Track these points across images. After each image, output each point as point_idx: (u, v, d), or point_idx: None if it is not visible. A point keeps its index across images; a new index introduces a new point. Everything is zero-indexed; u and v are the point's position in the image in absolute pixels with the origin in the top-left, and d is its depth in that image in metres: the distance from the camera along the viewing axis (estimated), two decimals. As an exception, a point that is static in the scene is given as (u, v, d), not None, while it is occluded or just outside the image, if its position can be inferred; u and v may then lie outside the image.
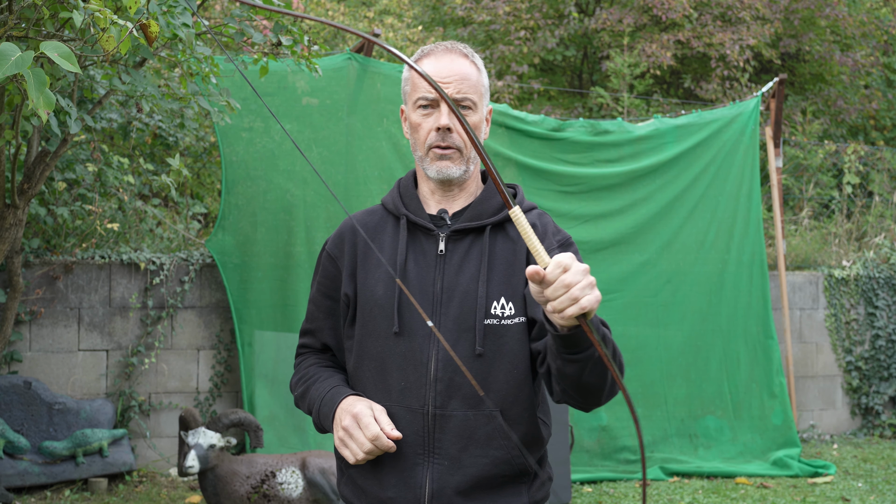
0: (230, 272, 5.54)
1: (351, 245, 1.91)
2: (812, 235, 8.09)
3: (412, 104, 1.87)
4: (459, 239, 1.85)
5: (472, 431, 1.77)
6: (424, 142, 1.85)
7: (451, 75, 1.83)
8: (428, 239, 1.86)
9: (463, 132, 1.84)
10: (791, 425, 6.40)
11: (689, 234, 6.37)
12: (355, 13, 11.22)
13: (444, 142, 1.83)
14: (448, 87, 1.82)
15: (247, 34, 3.90)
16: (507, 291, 1.80)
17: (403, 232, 1.86)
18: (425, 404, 1.78)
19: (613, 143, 6.31)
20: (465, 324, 1.78)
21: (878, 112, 11.06)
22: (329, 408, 1.81)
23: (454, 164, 1.84)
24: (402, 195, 1.93)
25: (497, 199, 1.89)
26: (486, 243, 1.83)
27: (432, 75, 1.82)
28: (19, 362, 5.28)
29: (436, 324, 1.79)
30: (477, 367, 1.77)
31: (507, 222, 1.87)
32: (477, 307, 1.78)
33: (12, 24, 2.76)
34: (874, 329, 7.37)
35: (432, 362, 1.78)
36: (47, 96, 2.15)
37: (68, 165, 5.50)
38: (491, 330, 1.78)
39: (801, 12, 10.67)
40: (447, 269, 1.82)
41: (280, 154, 5.61)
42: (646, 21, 10.61)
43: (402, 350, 1.80)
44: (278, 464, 4.27)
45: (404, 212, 1.88)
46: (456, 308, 1.79)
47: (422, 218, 1.87)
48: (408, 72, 1.90)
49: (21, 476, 4.92)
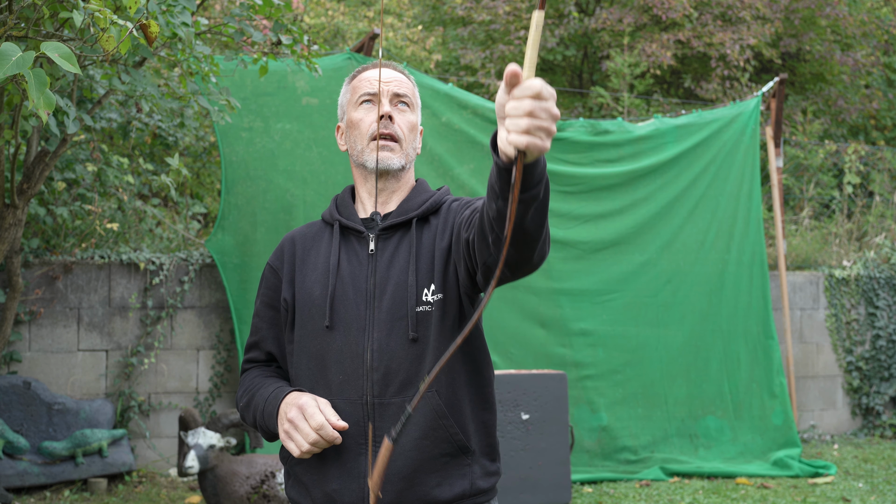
0: (230, 272, 5.53)
1: (290, 255, 1.99)
2: (812, 235, 8.09)
3: (353, 105, 1.98)
4: (389, 237, 1.92)
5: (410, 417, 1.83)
6: (366, 133, 1.93)
7: (391, 79, 1.96)
8: (360, 241, 1.94)
9: (404, 125, 1.94)
10: (791, 425, 6.39)
11: (689, 234, 6.36)
12: (355, 13, 11.22)
13: (386, 129, 1.90)
14: (388, 85, 1.94)
15: (246, 33, 3.89)
16: (436, 278, 1.86)
17: (337, 236, 1.94)
18: (363, 394, 1.83)
19: (613, 142, 6.30)
20: (398, 313, 1.85)
21: (878, 112, 11.06)
22: (273, 406, 1.85)
23: (394, 155, 1.92)
24: (338, 205, 2.02)
25: (423, 197, 1.97)
26: (412, 236, 1.90)
27: (369, 77, 1.97)
28: (19, 362, 5.27)
29: (370, 317, 1.86)
30: (413, 352, 1.83)
31: (432, 214, 1.94)
32: (408, 296, 1.84)
33: (12, 23, 2.75)
34: (875, 329, 7.36)
35: (367, 353, 1.84)
36: (47, 97, 2.14)
37: (68, 165, 5.49)
38: (423, 316, 1.84)
39: (802, 12, 10.67)
40: (378, 266, 1.89)
41: (280, 154, 5.60)
42: (646, 21, 10.60)
43: (339, 344, 1.86)
44: (278, 464, 4.26)
45: (337, 217, 1.97)
46: (389, 300, 1.85)
47: (353, 222, 1.95)
48: (347, 84, 2.03)
49: (20, 476, 4.91)
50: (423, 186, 2.02)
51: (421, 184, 2.03)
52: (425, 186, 2.03)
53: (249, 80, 5.44)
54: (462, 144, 5.93)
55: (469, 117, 5.95)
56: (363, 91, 1.96)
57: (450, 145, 5.89)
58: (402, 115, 1.95)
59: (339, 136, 2.05)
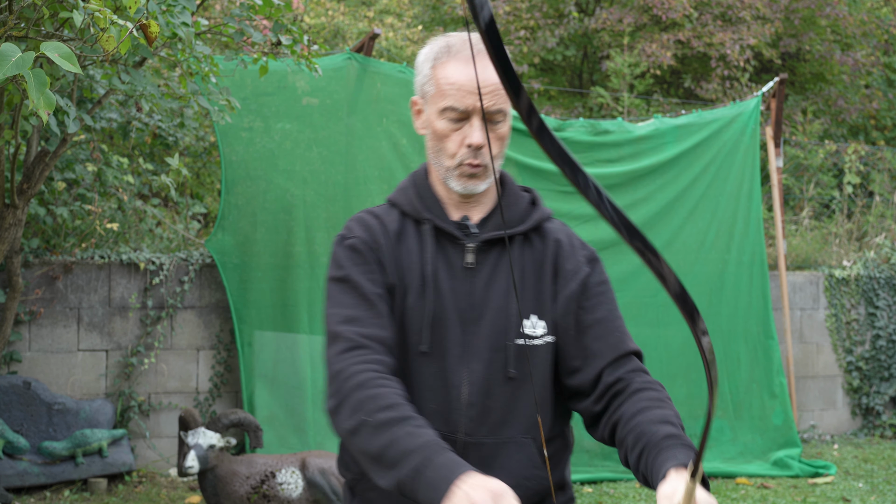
0: (230, 272, 5.53)
1: (385, 240, 1.70)
2: (812, 235, 8.09)
3: (436, 110, 1.68)
4: (487, 250, 1.70)
5: (502, 460, 1.66)
6: (453, 156, 1.67)
7: (485, 86, 1.63)
8: (454, 248, 1.70)
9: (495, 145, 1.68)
10: (791, 425, 6.39)
11: (689, 234, 6.36)
12: (355, 13, 11.21)
13: (475, 160, 1.66)
14: (483, 99, 1.63)
15: (246, 33, 3.89)
16: (537, 308, 1.69)
17: (430, 238, 1.69)
18: (456, 430, 1.64)
19: (613, 142, 6.30)
20: (496, 343, 1.65)
21: (878, 112, 11.05)
22: (442, 476, 1.40)
23: (482, 181, 1.70)
24: (421, 197, 1.74)
25: (522, 206, 1.76)
26: (516, 256, 1.71)
27: (461, 83, 1.64)
28: (19, 362, 5.27)
29: (466, 343, 1.66)
30: (508, 390, 1.66)
31: (532, 232, 1.75)
32: (508, 326, 1.65)
33: (12, 23, 2.75)
34: (875, 329, 7.36)
35: (464, 386, 1.65)
36: (47, 97, 2.14)
37: (68, 165, 5.49)
38: (522, 350, 1.66)
39: (802, 12, 10.67)
40: (476, 284, 1.68)
41: (280, 154, 5.60)
42: (646, 21, 10.60)
43: (434, 369, 1.65)
44: (278, 464, 4.26)
45: (427, 216, 1.71)
46: (487, 326, 1.66)
47: (447, 224, 1.70)
48: (429, 69, 1.69)
49: (20, 476, 4.91)
50: (514, 189, 1.79)
51: (511, 185, 1.79)
52: (516, 189, 1.80)
53: (249, 80, 5.44)
54: (462, 144, 5.92)
55: (469, 117, 5.94)
56: (449, 104, 1.65)
57: (450, 145, 5.89)
58: (493, 133, 1.68)
59: (415, 115, 1.77)
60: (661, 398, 1.62)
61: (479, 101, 1.61)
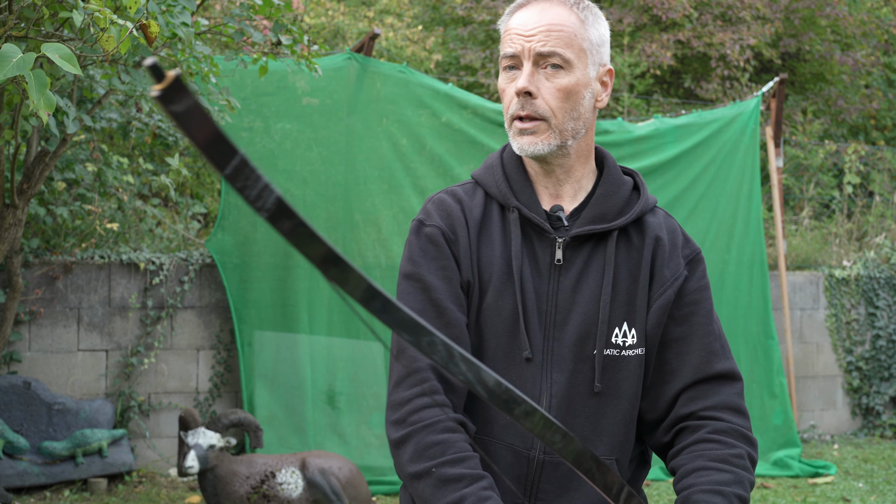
0: (230, 272, 5.53)
1: (464, 228, 1.51)
2: (812, 235, 8.09)
3: (501, 64, 1.52)
4: (578, 246, 1.51)
5: (580, 482, 1.50)
6: (507, 110, 1.50)
7: (538, 26, 1.45)
8: (542, 242, 1.51)
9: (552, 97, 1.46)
10: (791, 425, 6.39)
11: (689, 233, 6.35)
12: (355, 13, 11.21)
13: (523, 111, 1.46)
14: (531, 41, 1.45)
15: (246, 33, 3.89)
16: (629, 315, 1.51)
17: (517, 229, 1.49)
18: (532, 447, 1.48)
19: (613, 142, 6.30)
20: (582, 352, 1.48)
21: (878, 112, 11.05)
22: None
23: (540, 140, 1.48)
24: (510, 178, 1.54)
25: (622, 194, 1.54)
26: (610, 255, 1.50)
27: (516, 28, 1.48)
28: (18, 362, 5.27)
29: (548, 349, 1.48)
30: (592, 405, 1.49)
31: (631, 225, 1.55)
32: (597, 333, 1.48)
33: (12, 23, 2.75)
34: (875, 329, 7.36)
35: (545, 398, 1.47)
36: (48, 98, 2.14)
37: (68, 165, 5.49)
38: (610, 362, 1.49)
39: (802, 12, 10.66)
40: (563, 284, 1.49)
41: (280, 154, 5.60)
42: (646, 21, 10.60)
43: (512, 378, 1.47)
44: (278, 464, 4.26)
45: (515, 203, 1.51)
46: (572, 333, 1.48)
47: (537, 214, 1.51)
48: (502, 28, 1.54)
49: (20, 476, 4.91)
50: (615, 173, 1.57)
51: (611, 168, 1.57)
52: (617, 173, 1.58)
53: (249, 80, 5.44)
54: (462, 144, 5.92)
55: (469, 117, 5.94)
56: (503, 52, 1.50)
57: (450, 145, 5.89)
58: (550, 83, 1.46)
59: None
60: (724, 458, 1.44)
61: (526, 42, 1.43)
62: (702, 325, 1.53)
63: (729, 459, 1.44)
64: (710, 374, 1.52)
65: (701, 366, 1.51)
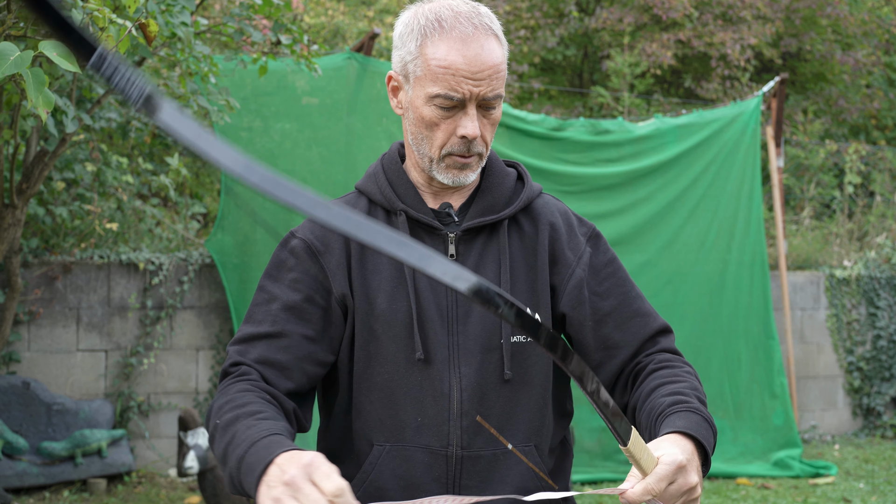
0: (229, 272, 5.52)
1: (340, 240, 1.51)
2: (813, 235, 8.08)
3: (425, 95, 1.46)
4: (470, 239, 1.52)
5: (502, 473, 1.50)
6: (440, 146, 1.48)
7: (484, 70, 1.43)
8: (433, 240, 1.52)
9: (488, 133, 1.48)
10: (792, 426, 6.38)
11: (689, 234, 6.35)
12: (355, 12, 11.20)
13: (468, 151, 1.48)
14: (480, 86, 1.43)
15: (246, 33, 3.88)
16: (531, 301, 1.52)
17: (405, 230, 1.49)
18: (448, 444, 1.47)
19: (614, 142, 6.29)
20: (488, 342, 1.48)
21: (879, 111, 11.04)
22: (263, 455, 1.23)
23: (473, 172, 1.51)
24: (393, 184, 1.56)
25: (507, 185, 1.56)
26: (503, 243, 1.52)
27: (462, 69, 1.42)
28: (18, 363, 5.26)
29: (454, 343, 1.48)
30: (505, 394, 1.49)
31: (521, 213, 1.57)
32: (502, 322, 1.48)
33: (10, 22, 2.74)
34: (875, 329, 7.35)
35: (455, 392, 1.47)
36: (46, 96, 2.13)
37: (67, 165, 5.48)
38: (519, 349, 1.49)
39: (803, 11, 10.66)
40: None
41: (280, 154, 5.59)
42: (646, 20, 10.59)
43: (418, 379, 1.47)
44: (278, 465, 4.25)
45: (401, 206, 1.52)
46: (476, 324, 1.48)
47: (424, 214, 1.52)
48: (416, 46, 1.46)
49: (20, 477, 4.90)
50: (498, 167, 1.59)
51: (494, 163, 1.59)
52: (500, 166, 1.60)
53: (249, 79, 5.43)
54: (462, 144, 5.91)
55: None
56: (442, 91, 1.44)
57: (450, 145, 5.88)
58: (487, 120, 1.49)
59: (391, 92, 1.55)
60: (677, 373, 1.49)
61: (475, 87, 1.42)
62: (627, 293, 1.58)
63: (679, 375, 1.49)
64: (652, 334, 1.58)
65: (642, 330, 1.57)
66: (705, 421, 1.39)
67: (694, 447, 1.34)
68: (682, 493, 1.29)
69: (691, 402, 1.41)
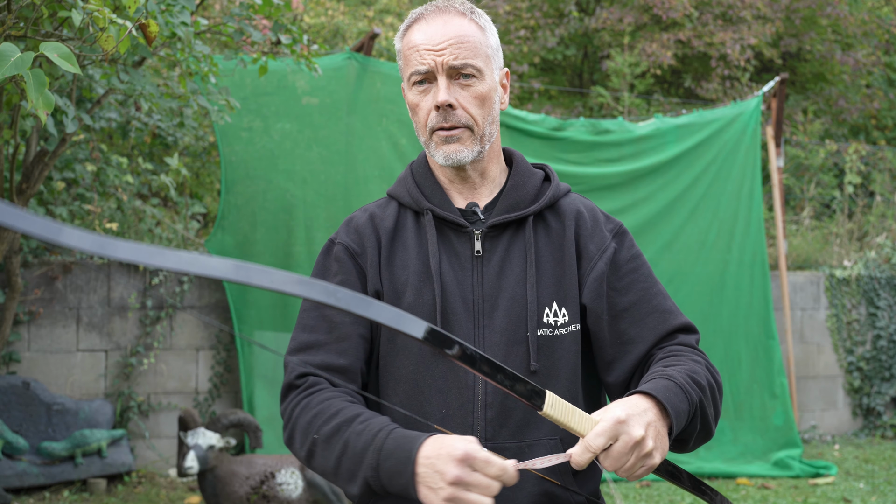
0: (230, 272, 5.51)
1: (373, 239, 1.58)
2: (813, 235, 8.08)
3: (407, 81, 1.57)
4: (496, 235, 1.56)
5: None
6: (425, 125, 1.55)
7: (446, 40, 1.51)
8: (459, 237, 1.56)
9: (471, 105, 1.52)
10: (792, 426, 6.38)
11: (690, 233, 6.35)
12: (355, 12, 11.20)
13: (446, 122, 1.52)
14: (443, 55, 1.50)
15: (246, 33, 3.88)
16: (558, 295, 1.54)
17: (431, 229, 1.55)
18: (473, 435, 1.45)
19: (614, 142, 6.29)
20: (514, 335, 1.51)
21: (879, 111, 11.04)
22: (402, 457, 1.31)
23: (465, 147, 1.54)
24: (421, 185, 1.61)
25: (533, 183, 1.60)
26: (529, 238, 1.54)
27: (423, 43, 1.52)
28: (18, 363, 5.26)
29: (480, 336, 1.51)
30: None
31: (548, 211, 1.59)
32: (527, 315, 1.51)
33: (11, 23, 2.74)
34: (875, 329, 7.35)
35: (480, 384, 1.49)
36: (46, 97, 2.13)
37: (67, 165, 5.48)
38: (545, 341, 1.51)
39: (803, 11, 10.66)
40: (487, 272, 1.53)
41: (280, 154, 5.59)
42: (646, 20, 10.59)
43: (443, 370, 1.50)
44: (278, 464, 4.25)
45: (428, 206, 1.57)
46: (502, 318, 1.51)
47: (450, 212, 1.56)
48: (399, 44, 1.59)
49: (20, 477, 4.90)
50: (524, 167, 1.63)
51: (520, 163, 1.64)
52: (527, 166, 1.64)
53: (249, 79, 5.43)
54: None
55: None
56: (413, 69, 1.54)
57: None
58: (467, 92, 1.52)
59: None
60: (680, 360, 1.49)
61: (437, 56, 1.48)
62: (647, 290, 1.57)
63: (681, 360, 1.48)
64: (670, 330, 1.56)
65: (659, 326, 1.55)
66: (677, 386, 1.38)
67: (654, 406, 1.33)
68: (630, 450, 1.27)
69: (666, 372, 1.41)
